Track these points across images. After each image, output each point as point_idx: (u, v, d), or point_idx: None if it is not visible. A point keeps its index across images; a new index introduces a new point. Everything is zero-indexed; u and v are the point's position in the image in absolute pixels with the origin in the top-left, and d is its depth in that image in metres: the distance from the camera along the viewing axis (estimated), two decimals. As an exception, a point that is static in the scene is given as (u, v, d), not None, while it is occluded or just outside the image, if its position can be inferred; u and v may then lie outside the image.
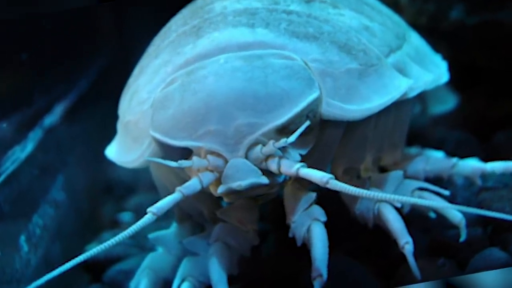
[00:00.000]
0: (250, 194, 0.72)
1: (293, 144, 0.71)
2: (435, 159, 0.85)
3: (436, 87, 0.88)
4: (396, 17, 0.91)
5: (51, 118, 1.03)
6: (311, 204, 0.74)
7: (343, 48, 0.76)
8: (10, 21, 0.94)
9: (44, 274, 0.66)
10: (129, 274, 0.84)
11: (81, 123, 1.15)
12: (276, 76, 0.72)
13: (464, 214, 0.76)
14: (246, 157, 0.70)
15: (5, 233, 0.84)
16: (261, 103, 0.71)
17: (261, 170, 0.70)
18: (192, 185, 0.71)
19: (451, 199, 0.80)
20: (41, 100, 1.02)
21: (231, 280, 0.73)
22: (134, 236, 0.69)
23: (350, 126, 0.78)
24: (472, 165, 0.84)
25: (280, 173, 0.71)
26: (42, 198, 0.95)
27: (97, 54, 1.34)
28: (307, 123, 0.72)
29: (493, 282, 0.72)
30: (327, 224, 0.72)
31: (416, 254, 0.72)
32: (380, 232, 0.77)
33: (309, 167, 0.71)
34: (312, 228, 0.72)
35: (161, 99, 0.75)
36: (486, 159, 0.86)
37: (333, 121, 0.75)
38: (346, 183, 0.68)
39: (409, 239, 0.73)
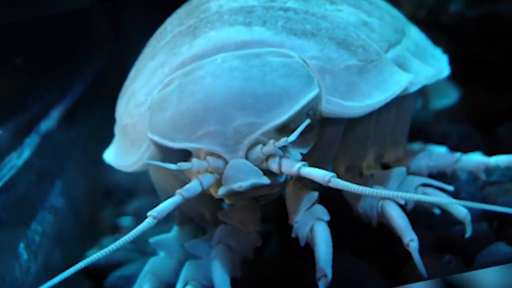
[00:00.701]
0: (252, 195, 0.72)
1: (293, 143, 0.71)
2: (438, 154, 0.85)
3: (437, 82, 0.87)
4: (394, 12, 0.91)
5: (48, 123, 1.03)
6: (313, 204, 0.74)
7: (342, 44, 0.76)
8: (4, 25, 0.94)
9: (44, 282, 0.65)
10: (131, 280, 0.84)
11: (78, 127, 1.15)
12: (275, 75, 0.72)
13: (469, 209, 0.75)
14: (246, 157, 0.70)
15: (4, 241, 0.84)
16: (260, 103, 0.70)
17: (262, 170, 0.70)
18: (193, 187, 0.70)
19: (455, 195, 0.79)
20: (36, 105, 1.02)
21: (234, 282, 0.73)
22: (134, 241, 0.68)
23: (351, 123, 0.78)
24: (476, 159, 0.83)
25: (281, 173, 0.71)
26: (41, 204, 0.95)
27: (93, 56, 1.34)
28: (307, 121, 0.71)
29: (492, 282, 0.71)
30: (330, 224, 0.72)
31: (421, 252, 0.71)
32: (384, 230, 0.76)
33: (310, 166, 0.70)
34: (315, 227, 0.72)
35: (158, 101, 0.75)
36: (489, 153, 0.86)
37: (333, 119, 0.75)
38: (348, 181, 0.68)
39: (414, 236, 0.72)
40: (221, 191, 0.70)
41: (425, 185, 0.78)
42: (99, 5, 1.26)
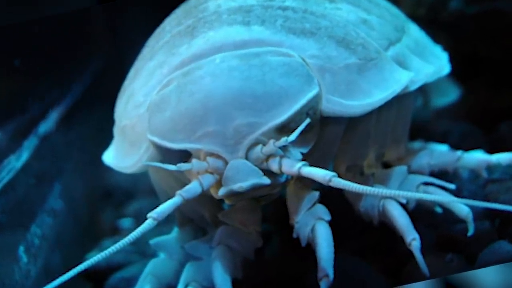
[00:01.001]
0: (252, 195, 0.71)
1: (293, 143, 0.70)
2: (439, 152, 0.85)
3: (438, 79, 0.87)
4: (394, 9, 0.90)
5: (46, 125, 1.03)
6: (314, 203, 0.74)
7: (341, 42, 0.76)
8: (3, 26, 0.94)
9: (44, 285, 0.65)
10: (131, 282, 0.84)
11: (76, 129, 1.15)
12: (274, 74, 0.71)
13: (471, 207, 0.75)
14: (247, 157, 0.70)
15: (3, 244, 0.84)
16: (260, 102, 0.70)
17: (262, 170, 0.70)
18: (193, 188, 0.70)
19: (457, 193, 0.79)
20: (35, 107, 1.01)
21: (235, 283, 0.73)
22: (135, 243, 0.68)
23: (351, 122, 0.77)
24: (477, 157, 0.84)
25: (281, 173, 0.71)
26: (40, 207, 0.95)
27: (91, 57, 1.33)
28: (307, 120, 0.71)
29: (492, 282, 0.71)
30: (331, 223, 0.72)
31: (423, 251, 0.71)
32: (385, 229, 0.76)
33: (311, 165, 0.70)
34: (316, 227, 0.71)
35: (157, 101, 0.74)
36: (491, 150, 0.85)
37: (333, 118, 0.74)
38: (349, 180, 0.68)
39: (416, 235, 0.72)
40: (221, 192, 0.70)
41: (426, 183, 0.78)
42: (98, 5, 1.26)
